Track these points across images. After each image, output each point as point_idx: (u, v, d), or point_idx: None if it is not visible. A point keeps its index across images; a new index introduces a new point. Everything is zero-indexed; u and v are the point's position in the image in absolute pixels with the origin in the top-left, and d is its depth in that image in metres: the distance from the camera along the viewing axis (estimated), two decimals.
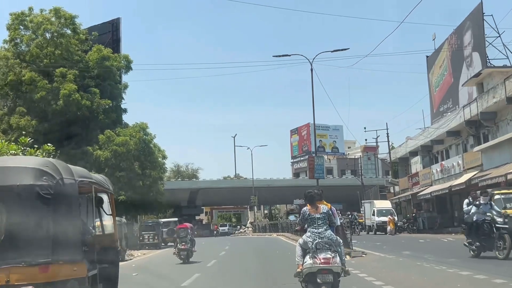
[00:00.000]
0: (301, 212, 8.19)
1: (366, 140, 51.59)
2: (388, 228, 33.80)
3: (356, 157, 70.48)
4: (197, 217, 74.16)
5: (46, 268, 5.91)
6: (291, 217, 54.33)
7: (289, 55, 26.43)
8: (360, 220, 40.82)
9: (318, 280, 7.49)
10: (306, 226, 7.93)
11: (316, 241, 7.64)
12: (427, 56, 43.68)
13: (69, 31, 34.49)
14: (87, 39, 35.75)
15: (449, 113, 36.27)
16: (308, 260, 7.61)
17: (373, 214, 37.54)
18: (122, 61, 35.63)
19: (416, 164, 42.14)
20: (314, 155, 27.60)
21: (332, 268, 7.50)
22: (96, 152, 31.65)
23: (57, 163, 6.68)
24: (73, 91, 31.37)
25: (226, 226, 78.85)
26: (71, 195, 6.58)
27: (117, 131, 33.01)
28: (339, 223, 11.23)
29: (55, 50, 33.08)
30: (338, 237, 8.15)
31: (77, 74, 33.11)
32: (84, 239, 7.09)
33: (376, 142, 58.74)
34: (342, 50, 26.47)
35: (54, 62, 33.03)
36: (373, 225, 37.52)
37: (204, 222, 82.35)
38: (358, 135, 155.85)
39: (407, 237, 28.59)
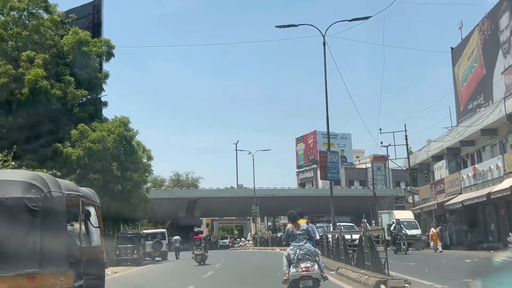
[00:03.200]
0: (285, 230, 9.73)
1: (382, 142, 46.31)
2: (432, 243, 28.16)
3: (367, 166, 65.74)
4: (196, 229, 68.95)
5: (33, 278, 6.14)
6: (279, 234, 53.32)
7: (296, 26, 21.42)
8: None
9: (300, 286, 8.89)
10: (289, 241, 9.32)
11: (298, 252, 9.02)
12: (452, 48, 38.70)
13: (41, 11, 29.92)
14: (63, 22, 31.14)
15: (482, 109, 31.18)
16: (292, 269, 8.97)
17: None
18: (103, 47, 30.88)
19: (440, 170, 36.90)
20: (327, 150, 22.42)
21: (311, 274, 8.88)
22: (66, 149, 26.74)
23: (45, 177, 6.95)
24: (40, 78, 26.62)
25: (227, 238, 74.76)
26: (59, 208, 6.79)
27: (93, 126, 28.14)
28: (318, 237, 12.74)
29: (22, 31, 28.39)
30: (316, 249, 9.59)
31: (48, 60, 28.41)
32: (71, 251, 7.25)
33: (387, 150, 53.45)
34: (362, 19, 21.44)
35: (22, 45, 28.36)
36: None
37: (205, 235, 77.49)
38: (367, 141, 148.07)
39: (442, 256, 23.27)
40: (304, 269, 8.83)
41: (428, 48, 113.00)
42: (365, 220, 13.12)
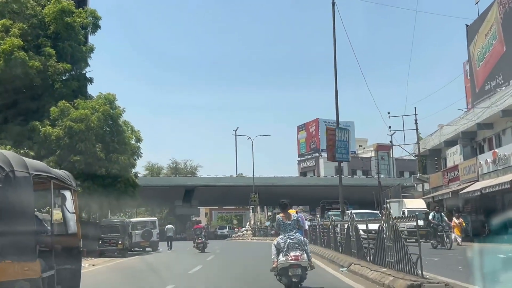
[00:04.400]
0: (276, 219, 10.08)
1: (390, 127, 43.86)
2: (453, 235, 25.22)
3: (372, 155, 63.38)
4: (194, 218, 66.64)
5: None
6: (267, 223, 54.24)
7: None
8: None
9: (289, 273, 9.17)
10: (279, 231, 9.70)
11: (288, 242, 9.36)
12: (467, 25, 35.92)
13: None
14: None
15: (503, 88, 28.52)
16: (281, 257, 9.31)
17: None
18: (88, 17, 28.28)
19: (454, 156, 34.27)
20: (335, 127, 19.71)
21: (300, 263, 9.21)
22: (45, 128, 24.18)
23: (8, 155, 6.20)
24: (17, 48, 24.06)
25: (226, 228, 72.92)
26: (24, 189, 6.14)
27: (75, 103, 25.58)
28: (306, 227, 14.25)
29: None
30: (305, 239, 10.00)
31: (27, 31, 25.83)
32: (39, 238, 6.56)
33: (392, 138, 50.95)
34: None
35: None
36: (403, 231, 29.73)
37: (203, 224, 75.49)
38: (371, 130, 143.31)
39: (466, 250, 20.55)
40: (293, 257, 9.16)
41: (439, 36, 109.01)
42: (387, 205, 10.79)
